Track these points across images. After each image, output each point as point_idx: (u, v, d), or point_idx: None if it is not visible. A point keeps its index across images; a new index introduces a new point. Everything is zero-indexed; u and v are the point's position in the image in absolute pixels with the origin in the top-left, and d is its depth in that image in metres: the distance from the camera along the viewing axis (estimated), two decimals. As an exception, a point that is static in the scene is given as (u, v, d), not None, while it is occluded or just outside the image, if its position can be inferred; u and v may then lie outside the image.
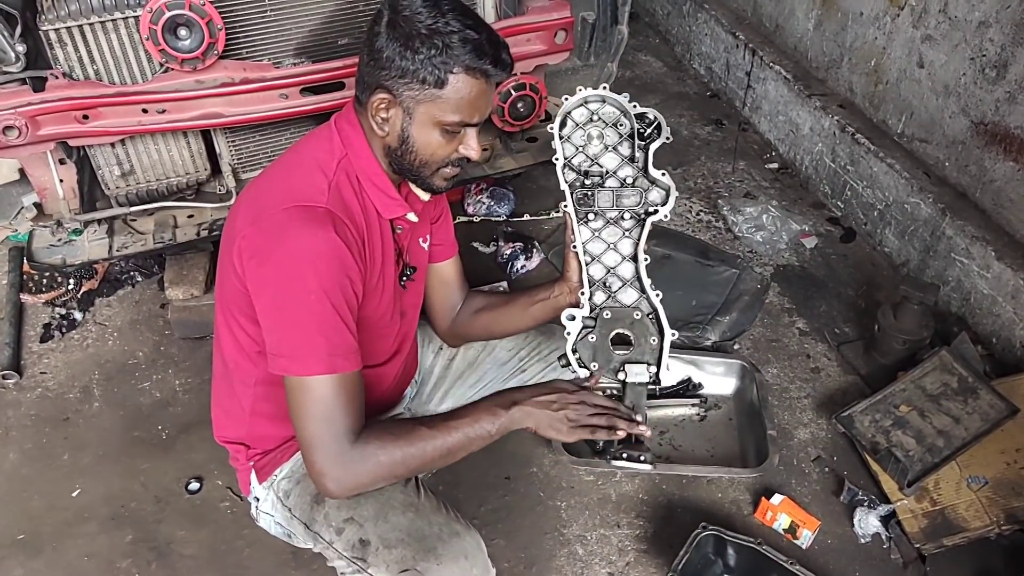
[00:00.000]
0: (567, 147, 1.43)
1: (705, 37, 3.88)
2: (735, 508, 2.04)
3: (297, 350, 1.25)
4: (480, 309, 1.68)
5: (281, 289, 1.25)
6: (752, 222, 2.96)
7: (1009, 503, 1.91)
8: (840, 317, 2.60)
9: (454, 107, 1.27)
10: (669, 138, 1.42)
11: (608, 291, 1.39)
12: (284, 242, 1.24)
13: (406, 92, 1.27)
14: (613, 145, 1.43)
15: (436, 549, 1.29)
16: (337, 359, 1.26)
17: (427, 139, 1.31)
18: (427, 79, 1.25)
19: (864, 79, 2.93)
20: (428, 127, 1.30)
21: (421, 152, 1.32)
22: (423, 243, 1.59)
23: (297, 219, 1.25)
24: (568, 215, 1.42)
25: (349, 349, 1.28)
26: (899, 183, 2.68)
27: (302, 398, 1.26)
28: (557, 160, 1.41)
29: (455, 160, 1.36)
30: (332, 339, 1.26)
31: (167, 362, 2.42)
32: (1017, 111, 2.28)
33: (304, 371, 1.25)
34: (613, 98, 1.43)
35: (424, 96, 1.27)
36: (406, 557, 1.29)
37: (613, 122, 1.44)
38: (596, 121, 1.44)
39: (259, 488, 1.51)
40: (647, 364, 1.33)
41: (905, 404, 2.08)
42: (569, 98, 1.43)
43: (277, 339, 1.27)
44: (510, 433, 2.17)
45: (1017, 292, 2.26)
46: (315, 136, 1.41)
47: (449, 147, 1.33)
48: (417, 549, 1.29)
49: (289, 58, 1.89)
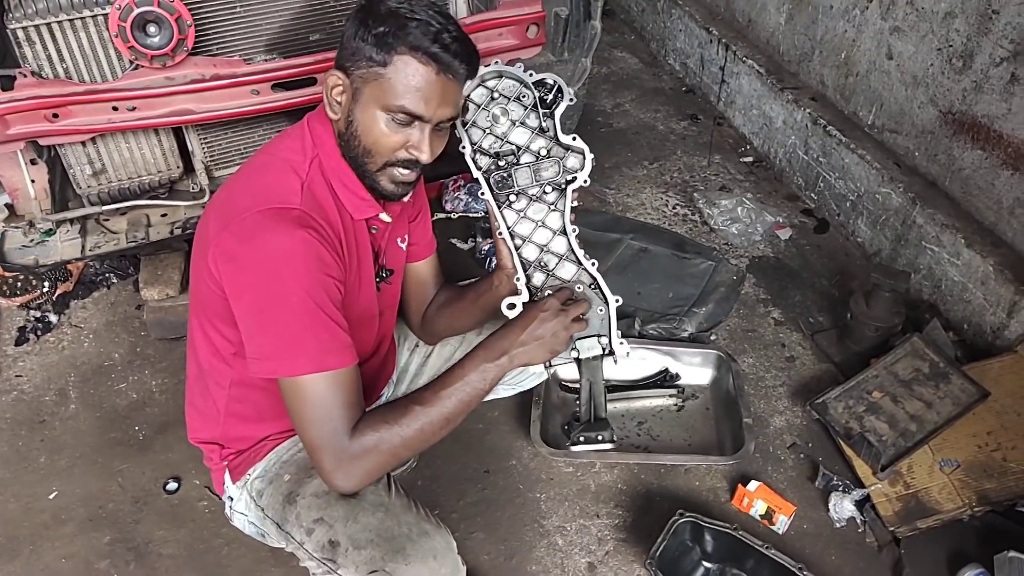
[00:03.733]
0: (474, 132, 1.39)
1: (679, 33, 3.91)
2: (712, 496, 2.06)
3: (285, 351, 1.24)
4: (443, 304, 1.67)
5: (261, 293, 1.23)
6: (727, 215, 2.98)
7: (981, 485, 1.94)
8: (814, 307, 2.63)
9: (398, 90, 1.23)
10: (573, 99, 1.39)
11: (546, 270, 1.37)
12: (260, 245, 1.22)
13: (355, 71, 1.25)
14: (520, 119, 1.39)
15: (405, 549, 1.29)
16: (327, 356, 1.25)
17: (370, 123, 1.26)
18: (373, 57, 1.22)
19: (835, 72, 2.96)
20: (372, 109, 1.25)
21: (364, 137, 1.28)
22: (401, 243, 1.57)
23: (271, 221, 1.23)
24: (488, 202, 1.39)
25: (340, 345, 1.27)
26: (870, 174, 2.71)
27: (298, 399, 1.25)
28: (464, 149, 1.37)
29: (403, 160, 1.29)
30: (320, 337, 1.25)
31: (143, 363, 2.41)
32: (983, 100, 2.32)
33: (294, 371, 1.24)
34: (509, 71, 1.39)
35: (369, 75, 1.24)
36: (375, 558, 1.28)
37: (515, 96, 1.39)
38: (498, 99, 1.39)
39: (233, 487, 1.51)
40: (597, 337, 1.33)
41: (878, 390, 2.11)
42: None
43: (262, 342, 1.25)
44: (489, 427, 2.22)
45: (987, 278, 2.29)
46: (287, 136, 1.39)
47: (394, 139, 1.27)
48: (386, 549, 1.28)
49: (260, 54, 1.88)
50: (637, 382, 2.34)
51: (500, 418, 2.25)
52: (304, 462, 1.43)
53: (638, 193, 3.18)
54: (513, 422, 2.24)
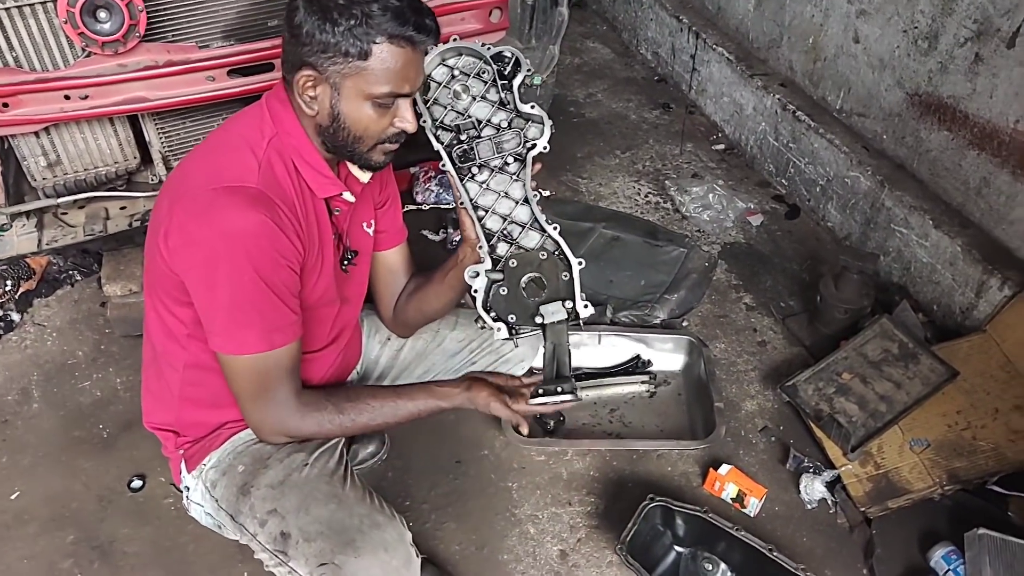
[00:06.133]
0: (435, 109, 1.41)
1: (651, 22, 3.91)
2: (685, 480, 2.05)
3: (234, 329, 1.27)
4: (412, 291, 1.66)
5: (214, 270, 1.24)
6: (699, 202, 2.98)
7: (951, 464, 1.94)
8: (785, 291, 2.63)
9: (382, 78, 1.24)
10: (530, 70, 1.42)
11: (510, 239, 1.37)
12: (214, 223, 1.22)
13: (331, 67, 1.24)
14: (480, 94, 1.41)
15: (355, 541, 1.27)
16: (275, 334, 1.29)
17: (358, 114, 1.28)
18: (350, 51, 1.21)
19: (803, 57, 2.96)
20: (358, 101, 1.26)
21: (354, 128, 1.29)
22: (367, 228, 1.56)
23: (226, 199, 1.23)
24: (450, 175, 1.40)
25: (287, 322, 1.31)
26: (839, 158, 2.72)
27: (241, 372, 1.30)
28: (425, 123, 1.38)
29: (392, 135, 1.33)
30: (268, 315, 1.28)
31: (107, 360, 2.37)
32: (949, 81, 2.32)
33: (243, 350, 1.27)
34: (467, 47, 1.41)
35: (349, 69, 1.23)
36: (324, 550, 1.27)
37: (475, 72, 1.41)
38: (458, 76, 1.41)
39: (188, 477, 1.48)
40: (562, 301, 1.32)
41: (847, 371, 2.11)
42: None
43: (213, 318, 1.28)
44: (462, 418, 2.20)
45: (955, 259, 2.30)
46: (245, 115, 1.37)
47: (383, 121, 1.30)
48: (336, 542, 1.27)
49: (217, 40, 1.84)
50: (609, 369, 2.33)
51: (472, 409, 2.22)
52: (259, 453, 1.41)
53: (610, 182, 3.16)
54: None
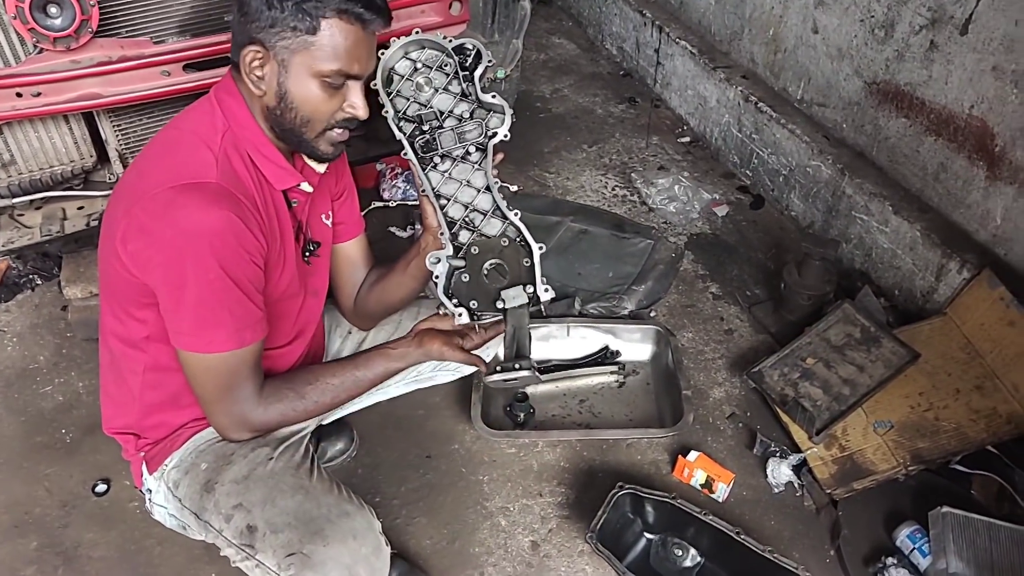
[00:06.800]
0: (398, 101, 1.41)
1: (615, 17, 3.93)
2: (654, 469, 2.07)
3: (203, 328, 1.26)
4: (374, 282, 1.65)
5: (180, 270, 1.22)
6: (665, 193, 3.00)
7: (914, 444, 1.97)
8: (751, 280, 2.66)
9: (330, 55, 1.23)
10: (492, 62, 1.42)
11: (472, 227, 1.37)
12: (176, 222, 1.20)
13: (278, 43, 1.22)
14: (443, 86, 1.41)
15: (323, 531, 1.27)
16: (245, 332, 1.28)
17: (306, 93, 1.26)
18: (298, 26, 1.20)
19: (764, 48, 3.00)
20: (305, 79, 1.25)
21: (302, 108, 1.27)
22: (325, 219, 1.55)
23: (187, 197, 1.21)
24: (411, 164, 1.40)
25: (255, 319, 1.30)
26: (800, 147, 2.75)
27: (207, 371, 1.29)
28: (387, 113, 1.38)
29: (341, 121, 1.31)
30: (236, 313, 1.27)
31: (69, 364, 2.33)
32: (905, 68, 2.36)
33: (212, 348, 1.26)
34: (430, 40, 1.41)
35: (297, 44, 1.22)
36: (292, 541, 1.26)
37: (437, 65, 1.42)
38: (421, 69, 1.41)
39: (150, 479, 1.46)
40: (523, 285, 1.32)
41: (811, 356, 2.13)
42: (384, 51, 1.41)
43: (180, 318, 1.26)
44: (431, 413, 2.19)
45: (915, 244, 2.34)
46: (194, 110, 1.35)
47: (332, 103, 1.28)
48: (304, 532, 1.26)
49: (172, 35, 1.82)
50: (578, 361, 2.34)
51: (442, 403, 2.22)
52: (222, 450, 1.39)
53: (577, 176, 3.17)
54: (455, 407, 2.21)
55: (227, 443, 1.40)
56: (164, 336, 1.31)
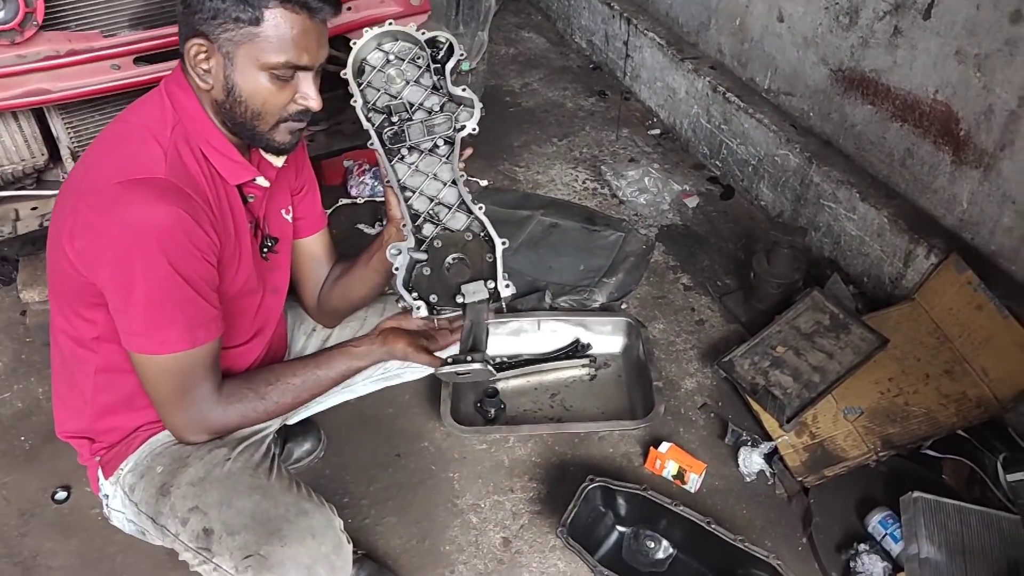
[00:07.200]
0: (369, 92, 1.39)
1: (584, 10, 3.91)
2: (626, 461, 2.05)
3: (154, 328, 1.22)
4: (337, 278, 1.62)
5: (128, 268, 1.18)
6: (636, 186, 2.99)
7: (884, 430, 1.97)
8: (722, 270, 2.65)
9: (276, 46, 1.19)
10: (463, 54, 1.41)
11: (436, 220, 1.35)
12: (124, 218, 1.16)
13: (222, 35, 1.19)
14: (414, 79, 1.40)
15: (281, 530, 1.23)
16: (198, 330, 1.25)
17: (254, 86, 1.22)
18: (241, 17, 1.17)
19: (731, 39, 2.99)
20: (252, 72, 1.21)
21: (251, 102, 1.24)
22: (285, 215, 1.52)
23: (134, 193, 1.17)
24: (378, 155, 1.38)
25: (208, 317, 1.26)
26: (768, 137, 2.75)
27: (161, 372, 1.25)
28: (356, 103, 1.36)
29: (295, 113, 1.28)
30: (188, 312, 1.23)
31: (28, 370, 2.27)
32: (870, 55, 2.36)
33: (164, 349, 1.23)
34: (403, 32, 1.40)
35: (241, 36, 1.18)
36: (249, 542, 1.22)
37: (410, 57, 1.41)
38: (393, 61, 1.40)
39: (107, 484, 1.42)
40: (484, 280, 1.30)
41: (781, 345, 2.13)
42: (357, 41, 1.39)
43: (130, 318, 1.22)
44: (400, 411, 2.16)
45: (882, 230, 2.34)
46: (143, 104, 1.31)
47: (282, 95, 1.24)
48: (260, 533, 1.23)
49: (123, 28, 1.77)
50: (549, 355, 2.32)
51: (411, 401, 2.19)
52: (178, 452, 1.35)
53: (548, 170, 3.15)
54: (425, 404, 2.18)
55: (184, 445, 1.36)
56: (115, 336, 1.27)
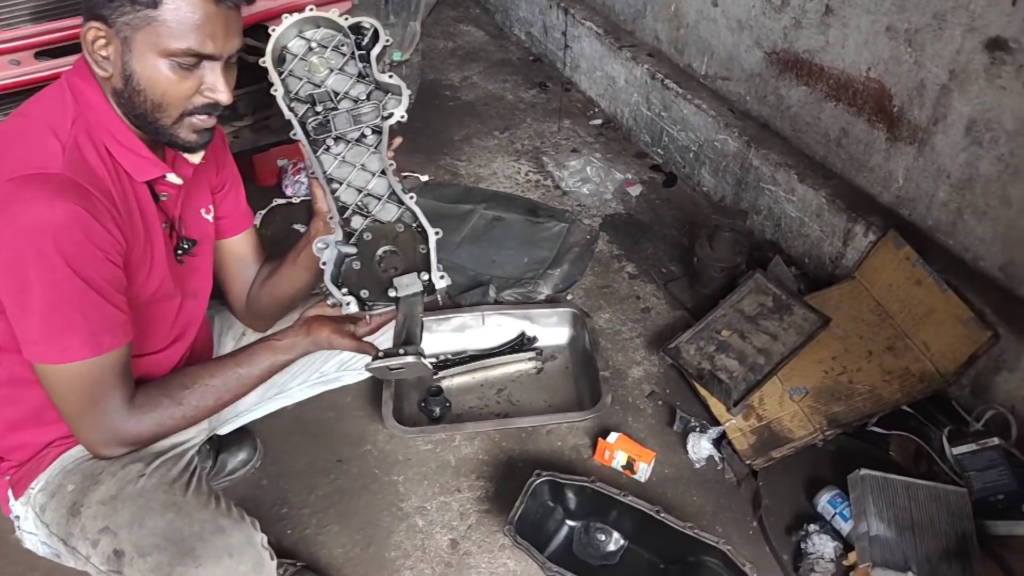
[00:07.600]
0: (290, 81, 1.33)
1: (521, 2, 3.87)
2: (576, 454, 2.01)
3: (54, 335, 1.13)
4: (266, 278, 1.54)
5: (22, 272, 1.10)
6: (578, 176, 2.96)
7: (830, 409, 1.96)
8: (666, 257, 2.63)
9: (177, 32, 1.11)
10: (389, 40, 1.36)
11: (365, 212, 1.29)
12: (16, 218, 1.08)
13: (119, 19, 1.11)
14: (339, 67, 1.34)
15: (195, 550, 1.16)
16: (103, 337, 1.17)
17: (153, 74, 1.14)
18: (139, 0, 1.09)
19: (667, 25, 2.98)
20: (151, 58, 1.13)
21: (150, 92, 1.16)
22: (205, 214, 1.44)
23: (28, 190, 1.09)
24: (301, 144, 1.31)
25: (114, 323, 1.18)
26: (707, 122, 2.74)
27: (66, 383, 1.18)
28: (276, 92, 1.30)
29: (200, 106, 1.20)
30: (91, 316, 1.15)
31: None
32: (803, 36, 2.36)
33: (67, 357, 1.15)
34: (325, 18, 1.33)
35: (139, 20, 1.11)
36: (161, 564, 1.15)
37: (333, 44, 1.34)
38: (316, 48, 1.33)
39: (17, 505, 1.33)
40: (418, 272, 1.25)
41: (726, 328, 2.11)
42: (276, 28, 1.32)
43: (28, 326, 1.14)
44: (341, 414, 2.09)
45: (821, 210, 2.34)
46: (43, 97, 1.23)
47: (184, 86, 1.17)
48: (174, 553, 1.15)
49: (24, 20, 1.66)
50: (495, 349, 2.27)
51: (353, 404, 2.12)
52: (91, 469, 1.27)
53: (490, 163, 3.10)
54: (367, 406, 2.12)
55: (97, 461, 1.27)
56: (16, 346, 1.18)
